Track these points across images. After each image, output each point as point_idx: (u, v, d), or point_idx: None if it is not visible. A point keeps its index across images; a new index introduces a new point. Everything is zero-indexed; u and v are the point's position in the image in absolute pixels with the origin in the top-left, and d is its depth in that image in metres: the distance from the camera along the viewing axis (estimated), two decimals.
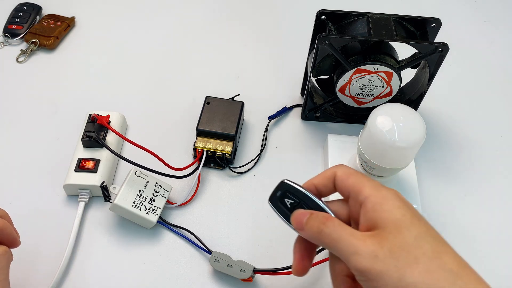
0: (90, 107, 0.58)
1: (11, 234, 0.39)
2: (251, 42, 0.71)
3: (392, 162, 0.46)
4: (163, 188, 0.51)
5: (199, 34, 0.72)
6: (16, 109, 0.61)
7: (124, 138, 0.50)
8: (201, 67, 0.68)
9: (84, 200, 0.51)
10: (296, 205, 0.36)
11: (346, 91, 0.55)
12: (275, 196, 0.36)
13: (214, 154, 0.54)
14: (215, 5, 0.77)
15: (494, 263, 0.50)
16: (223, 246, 0.50)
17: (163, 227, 0.51)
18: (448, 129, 0.62)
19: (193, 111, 0.59)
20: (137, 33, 0.72)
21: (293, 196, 0.36)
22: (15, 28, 0.69)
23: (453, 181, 0.57)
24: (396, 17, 0.53)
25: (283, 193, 0.36)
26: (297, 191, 0.36)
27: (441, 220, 0.53)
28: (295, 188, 0.36)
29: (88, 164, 0.52)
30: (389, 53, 0.52)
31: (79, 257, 0.49)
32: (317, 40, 0.50)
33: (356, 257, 0.30)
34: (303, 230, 0.33)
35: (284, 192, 0.36)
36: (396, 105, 0.47)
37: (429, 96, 0.57)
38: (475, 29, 0.75)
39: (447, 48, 0.50)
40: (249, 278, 0.46)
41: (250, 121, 0.61)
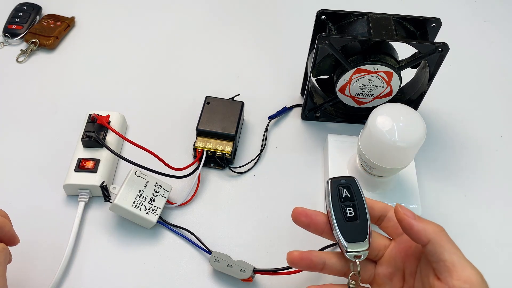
0: (90, 107, 0.58)
1: (10, 232, 0.39)
2: (251, 42, 0.71)
3: (392, 162, 0.46)
4: (163, 188, 0.51)
5: (199, 34, 0.72)
6: (16, 109, 0.61)
7: (124, 138, 0.50)
8: (201, 67, 0.68)
9: (84, 200, 0.51)
10: (347, 201, 0.37)
11: (346, 91, 0.55)
12: (338, 181, 0.38)
13: (214, 154, 0.54)
14: (215, 5, 0.77)
15: (494, 263, 0.50)
16: (223, 246, 0.50)
17: (163, 227, 0.51)
18: (448, 129, 0.62)
19: (193, 111, 0.59)
20: (137, 33, 0.72)
21: (353, 194, 0.37)
22: (15, 28, 0.69)
23: (453, 181, 0.57)
24: (396, 17, 0.53)
25: (347, 185, 0.37)
26: (359, 195, 0.37)
27: (441, 220, 0.52)
28: (360, 191, 0.37)
29: (88, 164, 0.52)
30: (389, 53, 0.52)
31: (79, 257, 0.49)
32: (317, 40, 0.50)
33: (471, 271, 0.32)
34: (417, 220, 0.35)
35: (348, 185, 0.37)
36: (396, 105, 0.47)
37: (429, 96, 0.57)
38: (475, 29, 0.75)
39: (447, 48, 0.50)
40: (249, 278, 0.46)
41: (250, 121, 0.61)
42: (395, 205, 0.37)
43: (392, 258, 0.38)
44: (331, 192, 0.37)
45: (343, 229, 0.36)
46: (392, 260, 0.38)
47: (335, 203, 0.37)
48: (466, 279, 0.32)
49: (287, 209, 0.53)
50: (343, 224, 0.36)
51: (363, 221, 0.36)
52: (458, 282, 0.32)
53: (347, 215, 0.36)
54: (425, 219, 0.36)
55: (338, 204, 0.37)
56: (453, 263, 0.33)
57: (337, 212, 0.37)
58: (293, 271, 0.46)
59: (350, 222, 0.36)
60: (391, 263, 0.38)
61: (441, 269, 0.33)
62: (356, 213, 0.37)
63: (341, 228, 0.36)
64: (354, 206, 0.37)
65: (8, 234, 0.39)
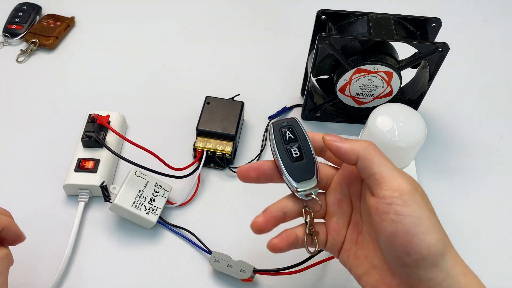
0: (90, 107, 0.58)
1: (16, 231, 0.39)
2: (251, 42, 0.71)
3: (392, 162, 0.46)
4: (163, 188, 0.51)
5: (199, 34, 0.72)
6: (16, 109, 0.61)
7: (124, 138, 0.50)
8: (201, 67, 0.68)
9: (84, 200, 0.51)
10: (292, 141, 0.37)
11: (346, 91, 0.55)
12: (280, 124, 0.37)
13: (214, 154, 0.54)
14: (215, 5, 0.77)
15: (494, 263, 0.50)
16: (223, 246, 0.50)
17: (163, 227, 0.51)
18: (448, 129, 0.62)
19: (193, 111, 0.59)
20: (137, 33, 0.72)
21: (296, 134, 0.37)
22: (15, 28, 0.69)
23: (453, 181, 0.57)
24: (396, 17, 0.53)
25: (289, 126, 0.37)
26: (302, 134, 0.37)
27: (441, 220, 0.53)
28: (302, 131, 0.37)
29: (88, 164, 0.52)
30: (389, 53, 0.52)
31: (79, 257, 0.49)
32: (317, 40, 0.50)
33: (400, 180, 0.33)
34: (344, 142, 0.35)
35: (291, 126, 0.37)
36: (396, 105, 0.47)
37: (429, 96, 0.57)
38: (475, 29, 0.75)
39: (447, 48, 0.50)
40: (249, 278, 0.46)
41: (250, 121, 0.61)
42: None
43: (338, 185, 0.38)
44: (274, 136, 0.37)
45: (291, 171, 0.36)
46: (338, 187, 0.38)
47: (280, 146, 0.37)
48: (395, 188, 0.32)
49: None
50: (290, 166, 0.36)
51: (309, 158, 0.37)
52: (388, 192, 0.32)
53: (293, 156, 0.37)
54: (354, 139, 0.36)
55: (283, 147, 0.37)
56: (381, 174, 0.33)
57: (283, 154, 0.37)
58: (293, 271, 0.46)
59: (297, 162, 0.37)
60: (338, 190, 0.38)
61: (372, 183, 0.34)
62: (302, 152, 0.37)
63: (289, 170, 0.36)
64: (299, 146, 0.37)
65: (16, 233, 0.39)
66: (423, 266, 0.32)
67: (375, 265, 0.36)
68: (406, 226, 0.32)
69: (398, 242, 0.32)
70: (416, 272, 0.32)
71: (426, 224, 0.32)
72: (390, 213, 0.32)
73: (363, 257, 0.37)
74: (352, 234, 0.38)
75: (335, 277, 0.48)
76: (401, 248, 0.32)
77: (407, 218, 0.32)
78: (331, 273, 0.48)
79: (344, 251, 0.38)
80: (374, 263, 0.36)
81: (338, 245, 0.38)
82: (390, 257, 0.34)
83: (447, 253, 0.32)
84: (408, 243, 0.31)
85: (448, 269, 0.32)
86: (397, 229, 0.32)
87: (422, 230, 0.31)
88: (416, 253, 0.31)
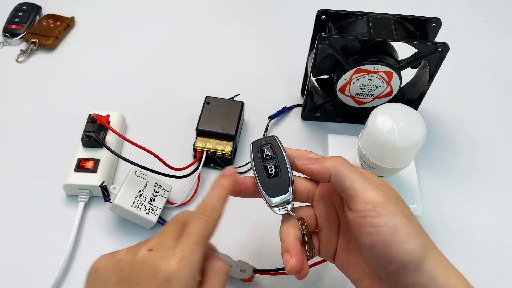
0: (90, 107, 0.58)
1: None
2: (251, 42, 0.71)
3: (392, 162, 0.46)
4: (163, 188, 0.51)
5: (199, 34, 0.72)
6: (16, 109, 0.61)
7: (124, 138, 0.50)
8: (201, 67, 0.68)
9: (84, 200, 0.51)
10: (269, 159, 0.39)
11: (346, 91, 0.55)
12: (259, 142, 0.40)
13: (214, 154, 0.54)
14: (215, 5, 0.77)
15: (495, 263, 0.50)
16: (223, 246, 0.49)
17: None
18: (449, 129, 0.62)
19: (193, 111, 0.59)
20: (137, 33, 0.72)
21: (273, 152, 0.39)
22: (15, 28, 0.69)
23: (453, 181, 0.57)
24: (396, 17, 0.53)
25: (268, 144, 0.40)
26: (280, 151, 0.39)
27: (441, 220, 0.53)
28: (280, 148, 0.39)
29: (88, 164, 0.52)
30: (389, 53, 0.52)
31: (79, 257, 0.49)
32: (317, 40, 0.50)
33: (372, 192, 0.33)
34: (315, 163, 0.36)
35: (269, 144, 0.40)
36: (396, 105, 0.46)
37: (429, 96, 0.57)
38: (475, 29, 0.75)
39: (447, 48, 0.50)
40: (249, 278, 0.46)
41: (250, 121, 0.61)
42: None
43: (322, 198, 0.39)
44: (253, 154, 0.39)
45: (266, 186, 0.38)
46: (322, 200, 0.39)
47: (257, 163, 0.39)
48: (368, 201, 0.33)
49: None
50: (265, 182, 0.38)
51: (285, 174, 0.38)
52: (361, 205, 0.33)
53: (269, 172, 0.38)
54: (326, 157, 0.37)
55: (260, 164, 0.39)
56: (353, 189, 0.34)
57: (259, 171, 0.39)
58: None
59: (272, 178, 0.38)
60: (322, 203, 0.39)
61: (347, 198, 0.34)
62: (278, 169, 0.38)
63: (264, 186, 0.38)
64: (275, 163, 0.39)
65: None
66: (406, 272, 0.32)
67: (365, 272, 0.37)
68: (383, 236, 0.32)
69: (378, 252, 0.33)
70: (401, 278, 0.33)
71: (402, 232, 0.32)
72: (366, 226, 0.33)
73: (355, 264, 0.37)
74: (343, 243, 0.38)
75: (334, 277, 0.48)
76: (382, 258, 0.33)
77: (383, 229, 0.32)
78: (330, 273, 0.48)
79: (338, 259, 0.39)
80: (364, 269, 0.37)
81: (331, 253, 0.39)
82: (375, 266, 0.35)
83: (427, 256, 0.33)
84: (388, 253, 0.32)
85: (430, 272, 0.32)
86: (375, 240, 0.32)
87: (399, 238, 0.32)
88: (396, 262, 0.32)
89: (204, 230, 0.34)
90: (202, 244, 0.33)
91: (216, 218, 0.35)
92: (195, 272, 0.31)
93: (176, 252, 0.31)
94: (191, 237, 0.33)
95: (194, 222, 0.34)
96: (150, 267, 0.31)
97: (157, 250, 0.32)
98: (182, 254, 0.31)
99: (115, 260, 0.32)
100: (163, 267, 0.30)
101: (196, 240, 0.33)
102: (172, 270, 0.30)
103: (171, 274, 0.30)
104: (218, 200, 0.36)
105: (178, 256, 0.31)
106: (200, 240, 0.33)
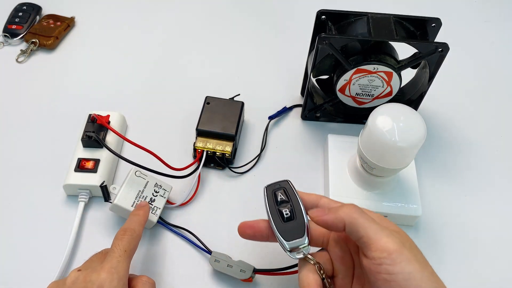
0: (90, 107, 0.58)
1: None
2: (251, 42, 0.71)
3: (392, 162, 0.46)
4: (163, 188, 0.51)
5: (199, 34, 0.72)
6: (16, 109, 0.61)
7: (124, 138, 0.50)
8: (201, 67, 0.68)
9: (84, 200, 0.51)
10: (284, 203, 0.39)
11: (346, 91, 0.55)
12: (273, 186, 0.40)
13: (214, 154, 0.54)
14: (215, 5, 0.77)
15: (494, 263, 0.50)
16: (223, 246, 0.50)
17: (163, 227, 0.51)
18: (448, 129, 0.62)
19: (193, 111, 0.59)
20: (137, 33, 0.72)
21: (288, 196, 0.39)
22: (15, 28, 0.69)
23: (453, 181, 0.57)
24: (396, 17, 0.53)
25: (281, 188, 0.40)
26: (294, 195, 0.40)
27: (441, 220, 0.53)
28: (294, 192, 0.40)
29: (88, 164, 0.52)
30: (389, 53, 0.52)
31: (79, 257, 0.49)
32: (317, 40, 0.50)
33: (386, 239, 0.34)
34: (328, 214, 0.36)
35: (283, 188, 0.40)
36: (396, 105, 0.46)
37: (429, 96, 0.57)
38: (475, 29, 0.75)
39: (447, 48, 0.50)
40: (249, 278, 0.46)
41: (250, 121, 0.61)
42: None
43: (337, 243, 0.39)
44: (267, 198, 0.40)
45: (282, 230, 0.38)
46: (338, 245, 0.39)
47: (272, 207, 0.39)
48: (382, 249, 0.33)
49: None
50: (281, 226, 0.38)
51: (300, 218, 0.38)
52: (376, 253, 0.34)
53: (284, 216, 0.38)
54: (337, 205, 0.38)
55: (274, 208, 0.39)
56: (368, 236, 0.34)
57: (274, 215, 0.39)
58: (293, 271, 0.46)
59: (288, 222, 0.38)
60: (338, 247, 0.39)
61: (362, 245, 0.35)
62: (293, 213, 0.39)
63: (280, 230, 0.38)
64: (290, 206, 0.39)
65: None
66: None
67: None
68: (399, 283, 0.33)
69: None
70: None
71: (418, 278, 0.33)
72: (382, 273, 0.33)
73: None
74: (357, 286, 0.38)
75: None
76: None
77: (399, 276, 0.33)
78: None
79: None
80: None
81: None
82: None
83: None
84: None
85: None
86: (391, 287, 0.33)
87: (414, 284, 0.33)
88: None
89: (126, 246, 0.40)
90: (126, 257, 0.39)
91: (135, 237, 0.42)
92: (124, 280, 0.38)
93: (104, 265, 0.38)
94: (116, 252, 0.39)
95: (117, 241, 0.40)
96: (83, 281, 0.37)
97: (85, 269, 0.39)
98: (110, 265, 0.38)
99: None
100: (94, 278, 0.37)
101: (120, 253, 0.39)
102: (103, 279, 0.37)
103: (102, 282, 0.36)
104: (135, 224, 0.43)
105: (106, 268, 0.37)
106: (123, 254, 0.39)
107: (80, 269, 0.39)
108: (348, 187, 0.52)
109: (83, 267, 0.40)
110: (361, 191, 0.51)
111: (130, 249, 0.40)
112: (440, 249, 0.51)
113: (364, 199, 0.51)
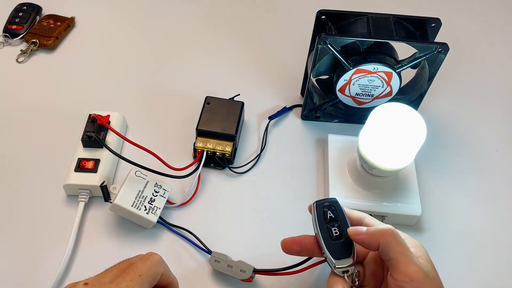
0: (90, 107, 0.58)
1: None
2: (251, 42, 0.71)
3: (392, 162, 0.46)
4: (163, 188, 0.51)
5: (199, 34, 0.72)
6: (16, 109, 0.61)
7: (124, 138, 0.50)
8: (201, 67, 0.68)
9: (84, 200, 0.51)
10: (333, 221, 0.40)
11: (346, 91, 0.55)
12: (322, 203, 0.41)
13: (214, 154, 0.54)
14: (215, 5, 0.77)
15: (494, 263, 0.50)
16: (223, 246, 0.50)
17: (163, 227, 0.51)
18: (448, 129, 0.62)
19: (193, 111, 0.59)
20: (137, 33, 0.72)
21: (336, 214, 0.41)
22: (15, 28, 0.69)
23: (453, 181, 0.57)
24: (396, 17, 0.53)
25: (330, 206, 0.41)
26: (342, 214, 0.41)
27: (441, 220, 0.53)
28: (342, 211, 0.41)
29: (88, 164, 0.52)
30: (389, 53, 0.52)
31: (79, 257, 0.49)
32: (317, 40, 0.50)
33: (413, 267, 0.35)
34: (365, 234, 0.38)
35: (332, 206, 0.41)
36: (396, 105, 0.47)
37: (429, 96, 0.57)
38: (475, 29, 0.75)
39: (447, 48, 0.50)
40: (249, 278, 0.46)
41: (250, 121, 0.61)
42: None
43: (373, 259, 0.42)
44: (317, 215, 0.41)
45: (331, 248, 0.40)
46: (373, 260, 0.41)
47: (322, 224, 0.40)
48: (407, 274, 0.35)
49: (287, 209, 0.53)
50: (330, 244, 0.40)
51: (348, 238, 0.40)
52: (400, 276, 0.35)
53: (333, 234, 0.40)
54: (376, 226, 0.39)
55: (324, 225, 0.40)
56: (397, 259, 0.36)
57: (324, 233, 0.40)
58: (292, 271, 0.46)
59: (337, 241, 0.40)
60: (374, 263, 0.41)
61: (390, 266, 0.37)
62: (341, 232, 0.40)
63: (329, 247, 0.40)
64: (339, 225, 0.40)
65: None
66: None
67: None
68: None
69: None
70: None
71: None
72: None
73: None
74: None
75: None
76: None
77: None
78: None
79: None
80: None
81: None
82: None
83: None
84: None
85: None
86: None
87: None
88: None
89: (143, 271, 0.35)
90: (138, 283, 0.34)
91: (159, 264, 0.37)
92: None
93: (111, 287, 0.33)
94: (129, 274, 0.34)
95: (138, 262, 0.36)
96: None
97: (92, 285, 0.34)
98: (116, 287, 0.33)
99: None
100: None
101: (133, 277, 0.34)
102: None
103: None
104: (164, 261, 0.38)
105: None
106: (137, 279, 0.34)
107: (87, 282, 0.35)
108: (348, 187, 0.52)
109: (91, 281, 0.35)
110: (361, 191, 0.51)
111: (147, 276, 0.35)
112: (440, 249, 0.51)
113: (364, 199, 0.51)
